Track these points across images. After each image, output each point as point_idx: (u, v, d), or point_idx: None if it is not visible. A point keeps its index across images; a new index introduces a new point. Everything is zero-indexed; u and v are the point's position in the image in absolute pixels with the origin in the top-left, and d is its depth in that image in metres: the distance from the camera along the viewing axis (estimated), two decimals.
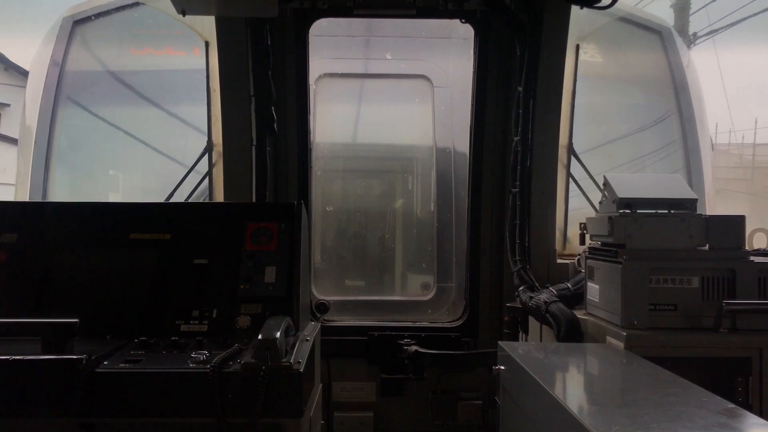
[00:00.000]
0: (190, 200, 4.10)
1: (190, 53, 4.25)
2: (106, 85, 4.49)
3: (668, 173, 4.39)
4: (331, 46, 4.52)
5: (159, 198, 4.08)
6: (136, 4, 4.35)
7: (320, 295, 4.39)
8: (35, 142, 4.27)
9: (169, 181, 4.13)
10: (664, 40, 4.57)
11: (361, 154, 4.79)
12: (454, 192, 4.51)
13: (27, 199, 4.18)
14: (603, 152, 4.58)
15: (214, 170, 4.19)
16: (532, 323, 3.67)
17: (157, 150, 4.52)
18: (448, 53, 4.52)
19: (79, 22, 4.39)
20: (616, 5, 3.28)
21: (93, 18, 4.40)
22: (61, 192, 4.33)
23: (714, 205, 4.58)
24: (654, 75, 4.62)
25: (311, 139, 4.34)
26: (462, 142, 4.42)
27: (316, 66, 4.46)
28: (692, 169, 4.49)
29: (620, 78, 4.68)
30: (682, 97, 4.53)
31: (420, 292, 4.61)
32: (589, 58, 4.46)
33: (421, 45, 4.57)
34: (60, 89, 4.32)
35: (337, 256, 4.66)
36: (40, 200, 4.17)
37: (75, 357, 2.11)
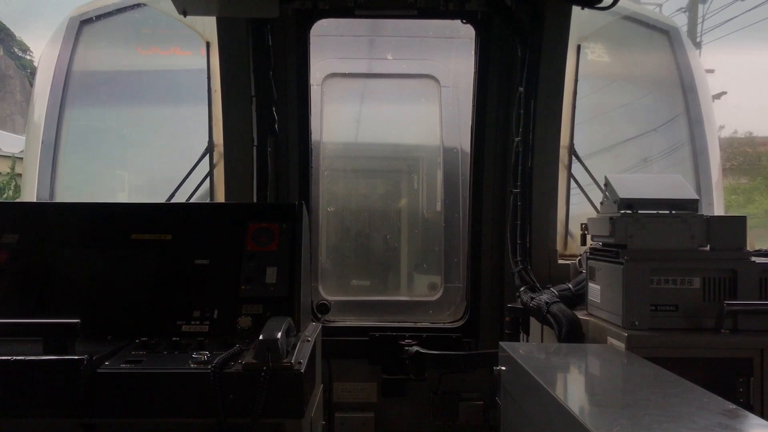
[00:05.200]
0: (191, 201, 4.11)
1: (195, 54, 4.26)
2: (112, 85, 4.51)
3: (673, 174, 4.38)
4: (338, 46, 4.53)
5: (164, 198, 4.09)
6: (141, 4, 4.36)
7: (327, 295, 4.39)
8: (42, 142, 4.28)
9: (176, 180, 4.13)
10: (672, 39, 4.56)
11: (369, 154, 4.79)
12: (461, 192, 4.51)
13: (34, 200, 4.19)
14: (609, 154, 4.58)
15: (215, 171, 4.19)
16: (533, 324, 3.67)
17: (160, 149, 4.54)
18: (455, 53, 4.53)
19: (85, 22, 4.40)
20: (618, 5, 3.28)
21: (99, 18, 4.41)
22: (68, 192, 4.34)
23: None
24: (661, 75, 4.61)
25: (313, 139, 4.34)
26: (469, 142, 4.41)
27: (323, 66, 4.46)
28: (700, 171, 4.48)
29: (627, 78, 4.67)
30: (690, 98, 4.52)
31: (427, 292, 4.61)
32: (597, 58, 4.46)
33: (428, 45, 4.57)
34: (67, 89, 4.34)
35: (344, 257, 4.66)
36: (46, 200, 4.18)
37: (76, 357, 2.12)
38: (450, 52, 4.56)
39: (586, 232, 3.45)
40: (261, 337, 2.21)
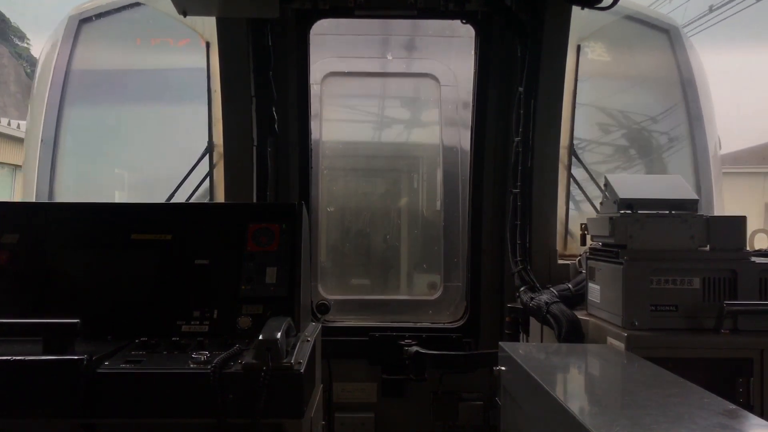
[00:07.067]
0: (191, 201, 4.11)
1: (194, 53, 4.26)
2: (112, 84, 4.51)
3: (673, 173, 4.39)
4: (338, 44, 4.53)
5: (163, 198, 4.09)
6: (139, 4, 4.36)
7: (327, 294, 4.39)
8: (41, 141, 4.29)
9: (176, 180, 4.13)
10: (672, 38, 4.56)
11: (369, 153, 4.80)
12: (461, 191, 4.51)
13: (33, 199, 4.19)
14: (609, 153, 4.58)
15: (215, 171, 4.19)
16: (533, 324, 3.67)
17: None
18: (455, 52, 4.52)
19: (84, 21, 4.40)
20: (618, 5, 3.28)
21: (99, 17, 4.41)
22: (67, 191, 4.33)
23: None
24: (662, 74, 4.61)
25: (313, 138, 4.34)
26: (469, 141, 4.41)
27: (322, 64, 4.46)
28: (700, 170, 4.49)
29: (628, 77, 4.68)
30: (690, 97, 4.53)
31: (427, 291, 4.61)
32: (597, 57, 4.46)
33: (428, 44, 4.58)
34: (66, 88, 4.34)
35: (344, 256, 4.66)
36: (46, 200, 4.18)
37: (76, 357, 2.12)
38: (450, 51, 4.56)
39: (585, 232, 3.45)
40: (261, 337, 2.21)
